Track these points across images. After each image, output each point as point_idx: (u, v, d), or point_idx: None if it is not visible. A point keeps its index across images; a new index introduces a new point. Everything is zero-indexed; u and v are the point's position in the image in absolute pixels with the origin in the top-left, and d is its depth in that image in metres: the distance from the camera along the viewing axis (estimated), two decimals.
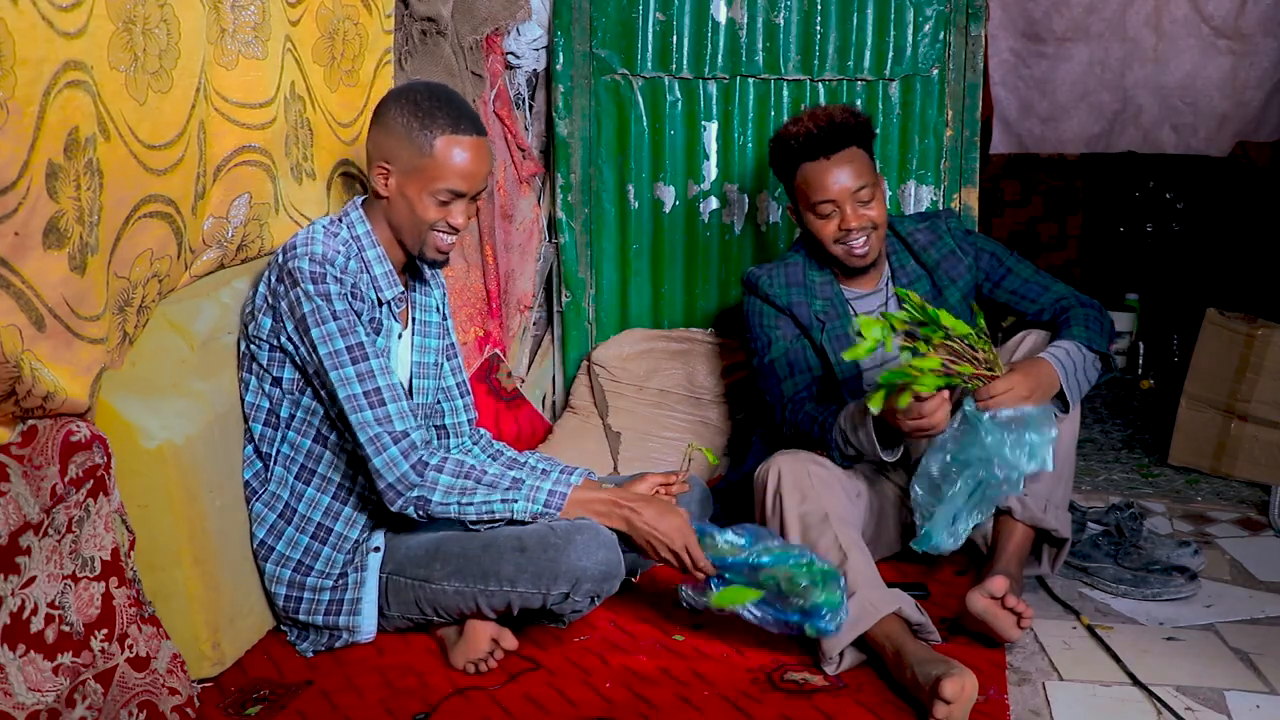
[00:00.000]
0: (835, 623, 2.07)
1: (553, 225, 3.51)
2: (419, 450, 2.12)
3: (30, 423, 1.72)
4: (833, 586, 2.08)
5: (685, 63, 3.40)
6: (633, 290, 3.55)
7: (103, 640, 1.79)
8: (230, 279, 2.30)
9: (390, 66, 2.76)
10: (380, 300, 2.23)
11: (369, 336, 2.15)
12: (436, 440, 2.48)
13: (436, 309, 2.43)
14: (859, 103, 3.36)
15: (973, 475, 2.26)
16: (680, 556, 2.15)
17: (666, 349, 3.45)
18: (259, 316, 2.18)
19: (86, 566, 1.78)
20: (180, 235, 2.08)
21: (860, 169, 2.53)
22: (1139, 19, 4.85)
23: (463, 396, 2.50)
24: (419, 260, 2.27)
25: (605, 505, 2.17)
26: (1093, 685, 2.19)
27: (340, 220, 2.25)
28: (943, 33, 3.33)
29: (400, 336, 2.31)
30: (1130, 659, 2.27)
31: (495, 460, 2.49)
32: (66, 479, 1.74)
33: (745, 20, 3.38)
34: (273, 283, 2.16)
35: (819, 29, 3.36)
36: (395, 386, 2.14)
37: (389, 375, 2.14)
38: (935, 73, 3.36)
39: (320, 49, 2.53)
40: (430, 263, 2.28)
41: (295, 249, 2.14)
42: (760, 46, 3.38)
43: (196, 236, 2.18)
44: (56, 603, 1.71)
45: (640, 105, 3.43)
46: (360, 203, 2.27)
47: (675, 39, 3.39)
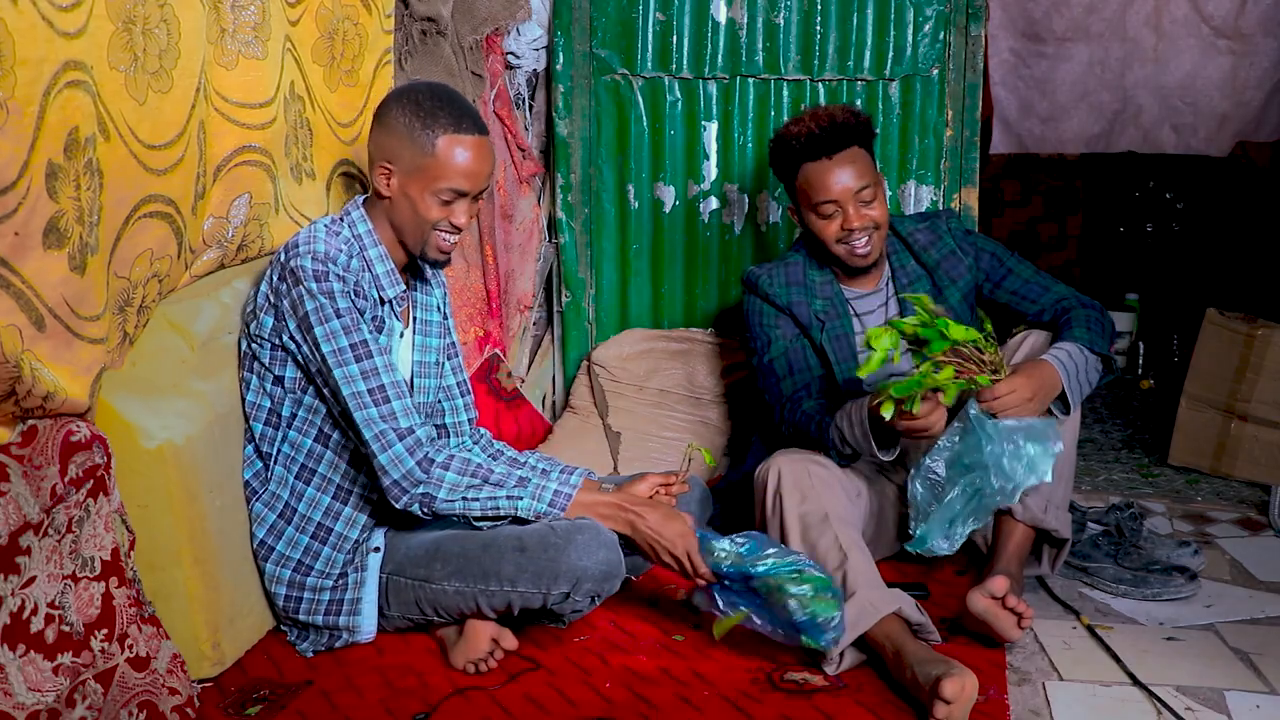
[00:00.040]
0: (827, 639, 2.07)
1: (553, 225, 3.51)
2: (425, 447, 2.12)
3: (30, 423, 1.72)
4: (826, 596, 2.07)
5: (685, 63, 3.40)
6: (633, 290, 3.55)
7: (103, 640, 1.79)
8: (230, 279, 2.30)
9: (390, 66, 2.76)
10: (383, 299, 2.24)
11: (372, 334, 2.15)
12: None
13: (438, 308, 2.43)
14: (859, 103, 3.36)
15: (971, 483, 2.26)
16: (682, 562, 2.16)
17: (666, 349, 3.45)
18: (260, 315, 2.18)
19: (86, 566, 1.78)
20: (180, 235, 2.08)
21: (862, 169, 2.53)
22: (1139, 19, 4.85)
23: (463, 396, 2.51)
24: (421, 260, 2.27)
25: (610, 508, 2.17)
26: (1093, 685, 2.19)
27: (341, 220, 2.25)
28: (943, 33, 3.33)
29: (402, 336, 2.32)
30: (1130, 659, 2.27)
31: (496, 460, 2.49)
32: (66, 479, 1.74)
33: (745, 20, 3.37)
34: (274, 281, 2.16)
35: (819, 29, 3.36)
36: (399, 383, 2.14)
37: (393, 372, 2.14)
38: (935, 73, 3.36)
39: (320, 49, 2.53)
40: (432, 263, 2.28)
41: (297, 247, 2.14)
42: (760, 46, 3.38)
43: (196, 236, 2.18)
44: (56, 603, 1.71)
45: (640, 105, 3.43)
46: (361, 202, 2.27)
47: (675, 39, 3.38)
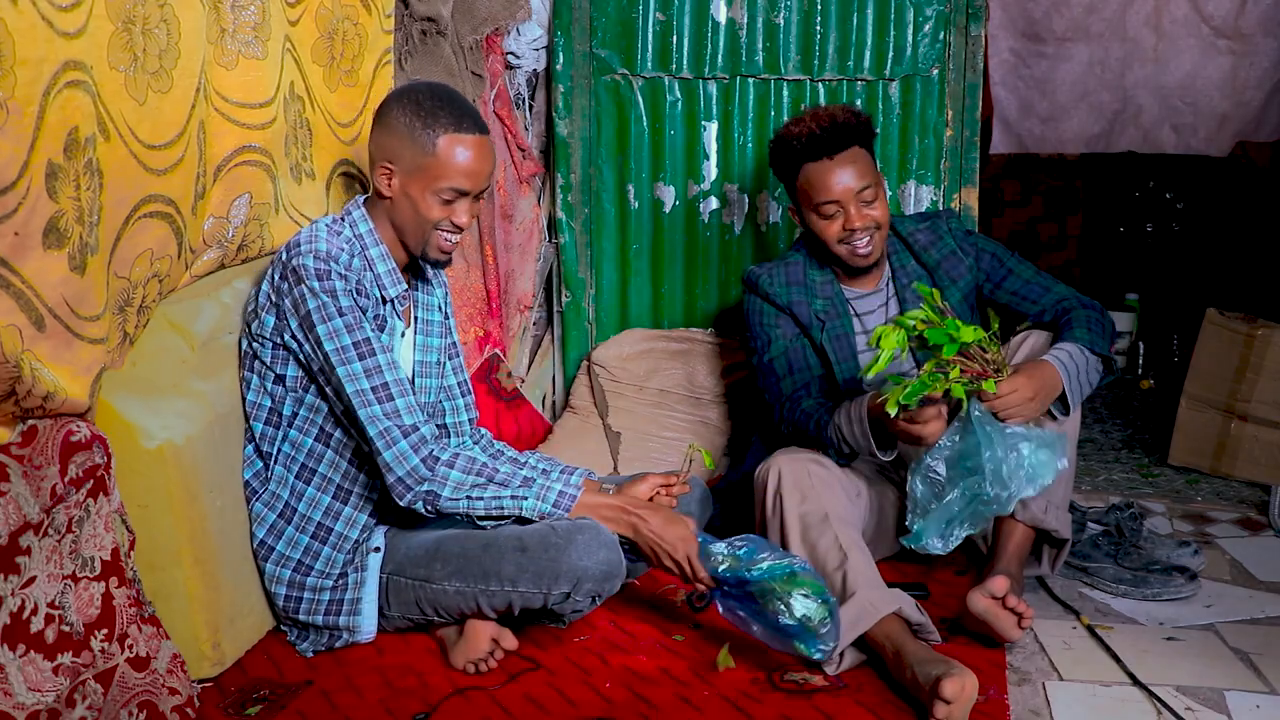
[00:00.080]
0: (819, 649, 2.06)
1: (553, 225, 3.51)
2: (429, 444, 2.12)
3: (30, 423, 1.72)
4: (819, 600, 2.06)
5: (685, 63, 3.40)
6: (633, 290, 3.55)
7: (103, 640, 1.79)
8: (231, 279, 2.31)
9: (390, 67, 2.76)
10: (384, 298, 2.24)
11: (374, 332, 2.15)
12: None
13: (439, 308, 2.43)
14: (859, 103, 3.36)
15: (971, 486, 2.25)
16: (682, 566, 2.16)
17: (666, 349, 3.45)
18: (262, 315, 2.18)
19: (86, 566, 1.78)
20: (180, 235, 2.08)
21: (863, 169, 2.53)
22: (1139, 19, 4.85)
23: (464, 396, 2.51)
24: (422, 260, 2.28)
25: (613, 511, 2.18)
26: (1093, 685, 2.19)
27: (342, 219, 2.25)
28: (943, 33, 3.33)
29: (404, 335, 2.32)
30: (1130, 659, 2.27)
31: (497, 460, 2.49)
32: (66, 479, 1.74)
33: (745, 20, 3.37)
34: (276, 281, 2.16)
35: (819, 29, 3.36)
36: (403, 381, 2.14)
37: (396, 370, 2.14)
38: (935, 73, 3.35)
39: (320, 49, 2.53)
40: (433, 263, 2.28)
41: (299, 246, 2.14)
42: (760, 46, 3.38)
43: (197, 236, 2.18)
44: (56, 603, 1.71)
45: (640, 105, 3.43)
46: (361, 202, 2.27)
47: (675, 39, 3.38)
